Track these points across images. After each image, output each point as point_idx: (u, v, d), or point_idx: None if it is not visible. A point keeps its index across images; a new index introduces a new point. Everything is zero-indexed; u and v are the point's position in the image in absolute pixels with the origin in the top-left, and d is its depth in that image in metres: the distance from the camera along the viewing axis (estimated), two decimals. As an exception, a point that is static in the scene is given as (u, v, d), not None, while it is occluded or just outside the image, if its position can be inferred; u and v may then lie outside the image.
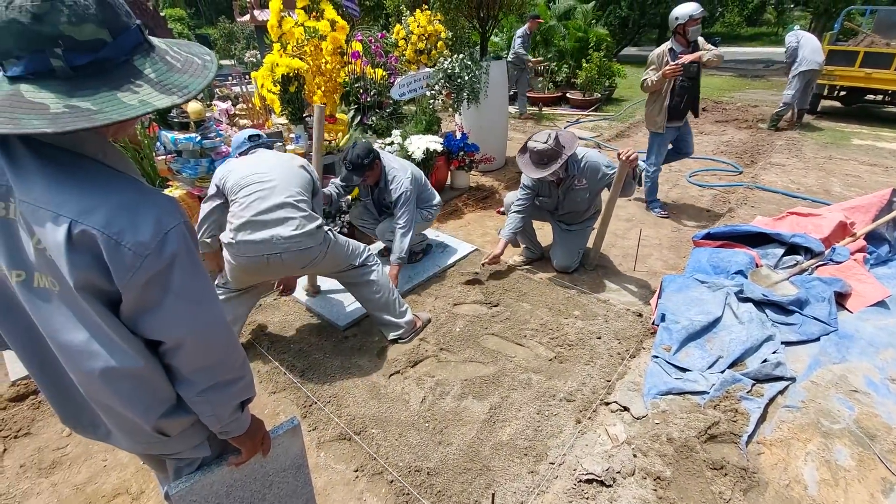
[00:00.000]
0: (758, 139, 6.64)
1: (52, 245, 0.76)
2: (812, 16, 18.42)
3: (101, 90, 0.73)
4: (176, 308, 0.84)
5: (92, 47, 0.73)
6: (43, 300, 0.83)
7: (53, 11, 0.69)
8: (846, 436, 1.98)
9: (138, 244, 0.76)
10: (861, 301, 2.74)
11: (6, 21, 0.69)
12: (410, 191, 2.96)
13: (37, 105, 0.70)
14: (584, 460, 1.91)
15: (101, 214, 0.75)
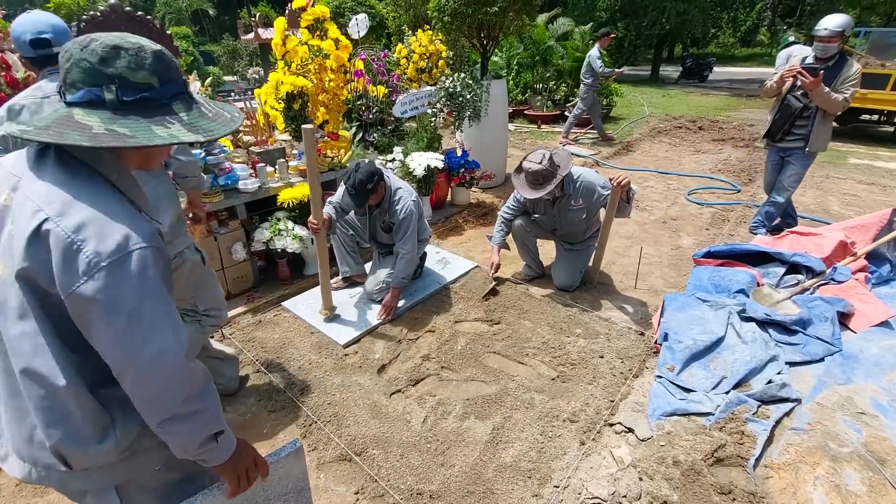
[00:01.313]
0: (755, 158, 6.69)
1: (18, 233, 0.83)
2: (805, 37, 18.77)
3: (139, 122, 0.87)
4: (122, 330, 0.83)
5: (141, 89, 0.88)
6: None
7: (117, 57, 0.86)
8: (855, 459, 1.95)
9: (96, 254, 0.80)
10: (864, 321, 2.73)
11: (78, 59, 0.85)
12: (415, 214, 2.93)
13: (83, 126, 0.84)
14: (589, 483, 1.87)
15: (75, 220, 0.81)
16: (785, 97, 3.59)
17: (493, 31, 5.26)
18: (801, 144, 3.61)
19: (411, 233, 2.92)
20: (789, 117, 3.59)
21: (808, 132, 3.54)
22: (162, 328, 0.87)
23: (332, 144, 3.92)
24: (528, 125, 9.24)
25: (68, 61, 0.86)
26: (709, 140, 7.81)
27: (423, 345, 2.76)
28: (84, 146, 0.81)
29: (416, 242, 2.97)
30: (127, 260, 0.82)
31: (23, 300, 0.85)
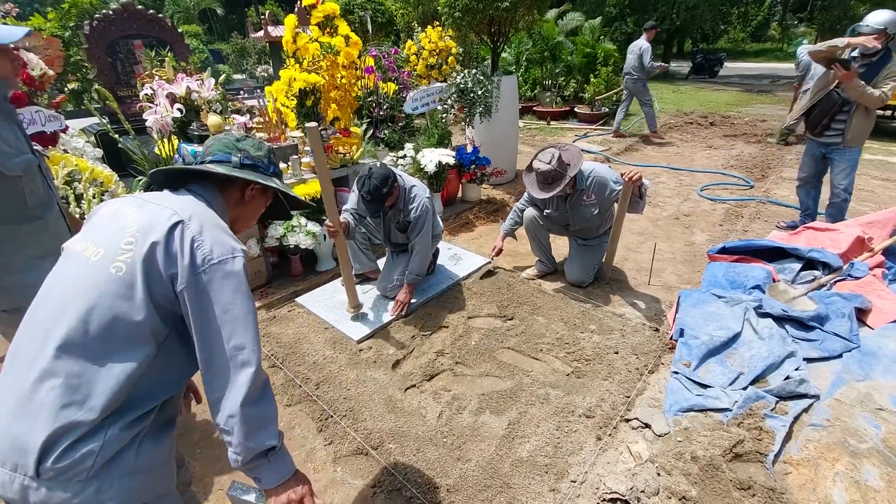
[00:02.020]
0: (767, 153, 6.63)
1: (153, 229, 1.01)
2: (817, 32, 18.54)
3: (251, 174, 1.23)
4: (217, 319, 1.01)
5: (255, 160, 1.26)
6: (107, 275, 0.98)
7: (248, 141, 1.28)
8: (874, 455, 1.93)
9: (210, 252, 1.02)
10: (882, 317, 2.70)
11: (222, 139, 1.27)
12: (430, 211, 2.93)
13: (215, 173, 1.19)
14: (606, 478, 1.87)
15: (199, 225, 1.04)
16: (828, 89, 3.45)
17: (503, 27, 5.24)
18: (839, 140, 3.52)
19: (426, 230, 2.92)
20: (828, 111, 3.47)
21: (846, 127, 3.44)
22: (248, 325, 1.04)
23: (344, 141, 3.93)
24: (537, 121, 9.21)
25: (213, 142, 1.26)
26: (720, 136, 7.74)
27: (437, 340, 2.77)
28: (220, 172, 1.17)
29: (430, 239, 2.98)
30: (230, 262, 1.03)
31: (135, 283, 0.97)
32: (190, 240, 1.00)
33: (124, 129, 3.77)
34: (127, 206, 1.08)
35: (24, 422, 0.90)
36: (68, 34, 7.87)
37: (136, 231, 1.00)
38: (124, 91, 4.85)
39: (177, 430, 1.17)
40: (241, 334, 1.02)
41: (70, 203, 2.63)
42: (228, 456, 1.03)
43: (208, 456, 2.08)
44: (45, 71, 3.03)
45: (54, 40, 3.51)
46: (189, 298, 0.99)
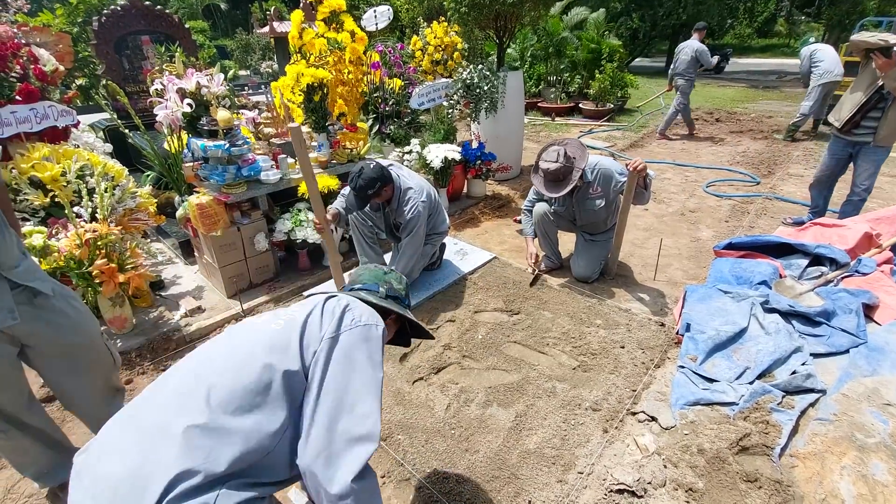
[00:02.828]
0: (774, 150, 6.60)
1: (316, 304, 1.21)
2: (825, 27, 18.38)
3: (393, 304, 1.44)
4: (347, 376, 1.08)
5: (397, 293, 1.47)
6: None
7: (391, 274, 1.54)
8: (882, 450, 1.94)
9: (359, 317, 1.20)
10: (890, 313, 2.70)
11: (374, 270, 1.55)
12: (423, 215, 2.92)
13: (366, 300, 1.38)
14: (613, 470, 1.89)
15: (352, 303, 1.26)
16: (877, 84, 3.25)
17: (508, 22, 5.23)
18: (870, 139, 3.41)
19: (415, 233, 2.92)
20: (862, 107, 3.34)
21: (879, 124, 3.33)
22: (374, 393, 1.08)
23: (351, 136, 3.94)
24: (541, 117, 9.19)
25: (363, 272, 1.50)
26: (726, 132, 7.70)
27: (444, 334, 2.79)
28: (372, 302, 1.35)
29: (420, 242, 2.99)
30: (373, 329, 1.18)
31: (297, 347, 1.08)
32: (349, 310, 1.19)
33: (132, 124, 3.80)
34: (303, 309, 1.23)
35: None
36: (76, 30, 7.92)
37: (310, 308, 1.20)
38: (132, 87, 4.87)
39: None
40: (368, 402, 1.02)
41: (83, 197, 2.66)
42: None
43: None
44: (56, 66, 3.06)
45: (64, 36, 3.54)
46: (323, 354, 1.06)
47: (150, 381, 2.48)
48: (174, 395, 0.99)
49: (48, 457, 1.75)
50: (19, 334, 1.53)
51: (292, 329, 1.08)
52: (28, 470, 1.76)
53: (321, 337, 1.08)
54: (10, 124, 2.80)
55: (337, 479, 0.93)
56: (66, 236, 2.51)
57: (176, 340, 2.74)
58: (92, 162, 2.81)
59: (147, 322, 2.84)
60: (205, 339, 2.79)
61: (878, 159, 3.49)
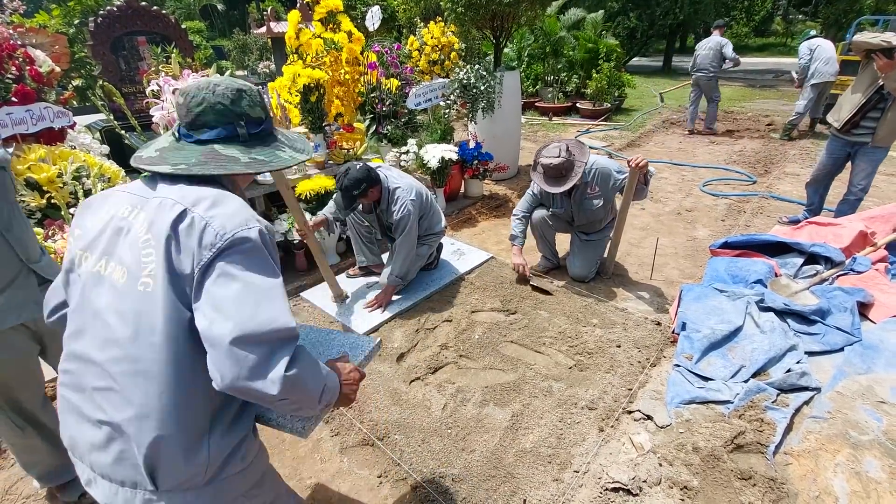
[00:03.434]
0: (770, 149, 6.62)
1: (162, 227, 0.92)
2: (822, 26, 18.42)
3: (266, 149, 1.09)
4: (237, 294, 0.89)
5: (259, 122, 1.09)
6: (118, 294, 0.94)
7: (241, 98, 1.06)
8: (876, 447, 1.95)
9: (222, 227, 0.92)
10: (884, 311, 2.71)
11: (213, 102, 1.02)
12: (413, 214, 2.89)
13: (230, 157, 1.03)
14: (609, 468, 1.90)
15: (206, 206, 0.94)
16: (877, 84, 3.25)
17: (505, 22, 5.23)
18: (868, 139, 3.42)
19: (408, 232, 2.89)
20: (861, 108, 3.35)
21: (878, 125, 3.34)
22: (273, 298, 0.92)
23: (348, 136, 3.95)
24: (539, 117, 9.20)
25: (200, 105, 1.02)
26: (723, 131, 7.72)
27: (441, 334, 2.79)
28: (248, 173, 1.05)
29: (414, 242, 2.97)
30: (247, 235, 0.93)
31: (170, 302, 0.90)
32: (201, 225, 0.91)
33: (129, 125, 3.79)
34: (125, 206, 0.99)
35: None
36: (72, 31, 7.90)
37: (150, 237, 0.93)
38: (128, 88, 4.87)
39: None
40: (268, 309, 0.89)
41: (80, 198, 2.66)
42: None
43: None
44: (52, 67, 3.05)
45: (60, 37, 3.54)
46: (201, 284, 0.89)
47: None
48: None
49: (54, 457, 1.77)
50: (42, 330, 1.61)
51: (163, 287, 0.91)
52: (34, 469, 1.78)
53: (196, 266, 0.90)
54: (6, 126, 2.80)
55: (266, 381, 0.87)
56: (62, 238, 2.51)
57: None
58: (88, 163, 2.81)
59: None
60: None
61: (876, 159, 3.50)
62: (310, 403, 0.97)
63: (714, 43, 7.01)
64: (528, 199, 3.26)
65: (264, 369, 0.87)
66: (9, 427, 1.65)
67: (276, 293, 0.93)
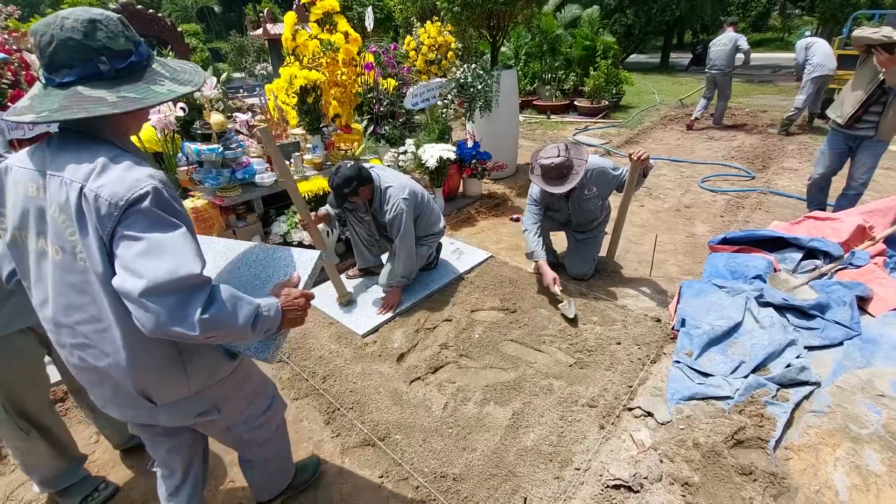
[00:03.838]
0: (769, 144, 6.62)
1: (67, 209, 0.97)
2: (818, 21, 18.41)
3: (138, 85, 1.02)
4: (141, 253, 0.93)
5: (125, 55, 1.00)
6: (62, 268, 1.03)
7: (96, 30, 0.96)
8: (875, 441, 1.96)
9: (113, 195, 0.94)
10: (884, 305, 2.71)
11: (63, 38, 0.94)
12: (406, 212, 2.83)
13: (96, 98, 0.96)
14: (610, 466, 1.90)
15: (94, 178, 0.95)
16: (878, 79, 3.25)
17: (502, 21, 5.24)
18: (871, 133, 3.42)
19: (404, 231, 2.86)
20: (864, 102, 3.35)
21: (879, 119, 3.34)
22: (174, 249, 0.95)
23: (345, 137, 3.95)
24: (537, 115, 9.20)
25: (50, 44, 0.94)
26: (721, 127, 7.72)
27: (441, 334, 2.80)
28: (115, 113, 0.96)
29: (412, 241, 2.94)
30: (138, 196, 0.94)
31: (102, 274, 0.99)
32: (94, 198, 0.94)
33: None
34: (31, 184, 1.02)
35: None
36: (68, 35, 7.87)
37: (65, 217, 0.99)
38: (126, 91, 4.87)
39: None
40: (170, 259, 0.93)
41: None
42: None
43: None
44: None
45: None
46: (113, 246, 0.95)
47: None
48: None
49: (56, 462, 1.77)
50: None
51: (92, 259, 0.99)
52: (36, 473, 1.78)
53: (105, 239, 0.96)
54: (2, 131, 2.79)
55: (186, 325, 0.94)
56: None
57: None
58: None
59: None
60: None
61: (878, 153, 3.51)
62: (241, 334, 1.03)
63: (727, 39, 7.08)
64: (533, 209, 3.12)
65: (180, 315, 0.93)
66: (13, 430, 1.66)
67: (176, 244, 0.95)
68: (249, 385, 1.42)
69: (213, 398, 1.27)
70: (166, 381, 1.15)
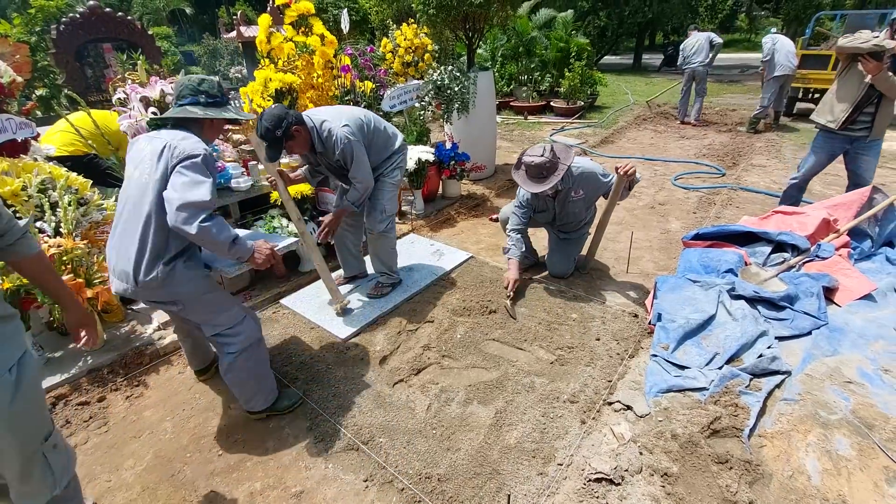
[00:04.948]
0: (738, 142, 6.82)
1: (156, 153, 1.80)
2: (783, 21, 19.05)
3: (216, 110, 1.95)
4: (186, 183, 1.72)
5: (214, 97, 1.96)
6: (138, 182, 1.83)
7: (202, 83, 1.95)
8: (844, 426, 2.04)
9: (183, 151, 1.78)
10: (848, 295, 2.82)
11: (188, 85, 1.93)
12: (352, 141, 2.59)
13: (192, 111, 1.91)
14: (591, 460, 1.93)
15: (176, 143, 1.80)
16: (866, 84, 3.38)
17: (477, 23, 5.27)
18: (865, 134, 3.52)
19: (357, 161, 2.65)
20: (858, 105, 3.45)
21: (872, 120, 3.46)
22: (203, 188, 1.74)
23: (323, 141, 3.91)
24: (514, 116, 9.28)
25: (180, 87, 1.95)
26: (692, 126, 7.92)
27: (423, 335, 2.80)
28: (199, 116, 1.90)
29: (367, 169, 2.73)
30: (196, 156, 1.78)
31: (157, 185, 1.77)
32: (171, 150, 1.77)
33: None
34: (145, 143, 1.88)
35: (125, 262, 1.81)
36: (34, 39, 7.64)
37: (152, 157, 1.80)
38: (95, 96, 4.75)
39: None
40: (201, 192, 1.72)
41: (45, 211, 2.58)
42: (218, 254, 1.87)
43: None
44: (14, 77, 2.96)
45: (22, 46, 3.42)
46: (169, 174, 1.75)
47: (123, 398, 2.43)
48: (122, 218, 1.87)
49: None
50: None
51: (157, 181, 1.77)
52: None
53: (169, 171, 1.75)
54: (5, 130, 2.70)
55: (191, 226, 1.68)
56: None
57: (149, 354, 2.69)
58: (54, 175, 2.73)
59: (119, 337, 2.78)
60: (178, 352, 2.74)
61: (877, 150, 3.62)
62: (221, 248, 1.79)
63: (703, 37, 7.53)
64: (519, 212, 3.13)
65: (191, 220, 1.68)
66: None
67: (203, 185, 1.75)
68: (212, 301, 2.00)
69: (176, 295, 1.90)
70: (146, 266, 1.78)
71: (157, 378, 2.59)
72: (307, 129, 2.59)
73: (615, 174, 2.86)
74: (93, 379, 2.52)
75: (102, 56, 4.78)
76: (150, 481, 1.98)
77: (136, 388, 2.50)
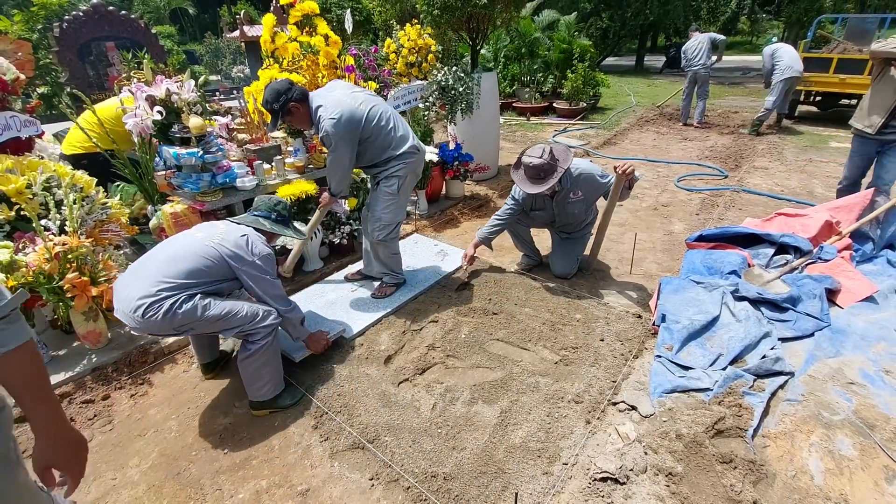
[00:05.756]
0: (740, 144, 6.84)
1: (233, 237, 2.17)
2: (785, 25, 19.07)
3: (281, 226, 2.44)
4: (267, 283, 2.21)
5: (282, 215, 2.45)
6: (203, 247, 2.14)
7: (278, 204, 2.44)
8: (847, 426, 2.05)
9: (260, 249, 2.19)
10: (851, 297, 2.84)
11: (264, 202, 2.43)
12: (333, 134, 2.55)
13: (263, 223, 2.38)
14: (596, 459, 1.94)
15: (255, 237, 2.23)
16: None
17: (481, 24, 5.29)
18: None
19: (333, 147, 2.62)
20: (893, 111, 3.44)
21: None
22: (277, 287, 2.22)
23: (327, 140, 3.92)
24: (517, 117, 9.30)
25: (261, 201, 2.39)
26: (695, 128, 7.93)
27: (428, 335, 2.81)
28: (266, 229, 2.31)
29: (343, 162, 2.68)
30: (267, 253, 2.17)
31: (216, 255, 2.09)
32: (251, 242, 2.15)
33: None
34: (223, 223, 2.25)
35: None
36: (36, 37, 7.65)
37: (226, 233, 2.15)
38: (98, 94, 4.75)
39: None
40: (275, 289, 2.21)
41: (50, 209, 2.59)
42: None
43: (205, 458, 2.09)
44: (17, 75, 2.96)
45: (25, 43, 3.43)
46: (246, 272, 2.12)
47: (128, 397, 2.44)
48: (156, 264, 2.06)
49: None
50: None
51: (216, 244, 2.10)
52: None
53: (241, 257, 2.10)
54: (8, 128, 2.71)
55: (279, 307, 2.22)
56: (34, 250, 2.44)
57: (154, 353, 2.69)
58: (59, 173, 2.74)
59: (123, 336, 2.78)
60: (183, 351, 2.75)
61: None
62: (292, 329, 2.35)
63: (704, 38, 7.51)
64: (509, 203, 3.18)
65: (282, 307, 2.24)
66: None
67: (277, 281, 2.23)
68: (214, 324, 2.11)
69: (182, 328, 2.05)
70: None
71: (161, 376, 2.60)
72: (307, 106, 2.65)
73: (614, 174, 2.88)
74: (97, 377, 2.52)
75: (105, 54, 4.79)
76: (156, 479, 1.98)
77: (141, 387, 2.51)
